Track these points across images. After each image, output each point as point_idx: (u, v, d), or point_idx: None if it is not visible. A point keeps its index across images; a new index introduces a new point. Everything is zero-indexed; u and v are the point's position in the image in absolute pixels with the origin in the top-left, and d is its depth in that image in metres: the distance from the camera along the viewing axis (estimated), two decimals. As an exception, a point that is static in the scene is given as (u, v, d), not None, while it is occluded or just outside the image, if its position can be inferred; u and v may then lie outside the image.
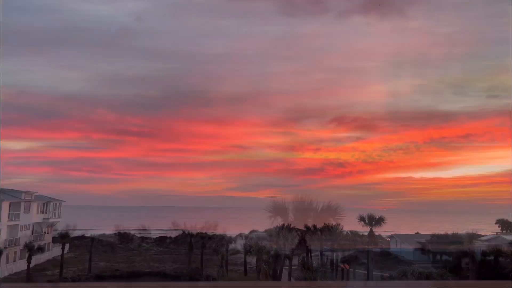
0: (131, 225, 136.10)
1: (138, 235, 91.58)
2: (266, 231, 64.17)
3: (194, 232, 58.25)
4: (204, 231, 59.45)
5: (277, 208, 52.26)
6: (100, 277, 44.43)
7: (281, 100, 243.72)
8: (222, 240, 60.43)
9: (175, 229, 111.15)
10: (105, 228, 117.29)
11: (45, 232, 56.36)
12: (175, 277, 47.00)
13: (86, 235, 73.36)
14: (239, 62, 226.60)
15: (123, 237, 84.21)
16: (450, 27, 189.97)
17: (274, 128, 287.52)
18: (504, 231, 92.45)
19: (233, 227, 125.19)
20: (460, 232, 59.76)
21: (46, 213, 57.30)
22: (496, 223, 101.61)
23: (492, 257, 50.51)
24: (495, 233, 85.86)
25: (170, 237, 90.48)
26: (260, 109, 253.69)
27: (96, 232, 67.56)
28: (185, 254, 61.92)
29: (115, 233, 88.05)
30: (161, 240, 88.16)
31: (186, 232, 58.23)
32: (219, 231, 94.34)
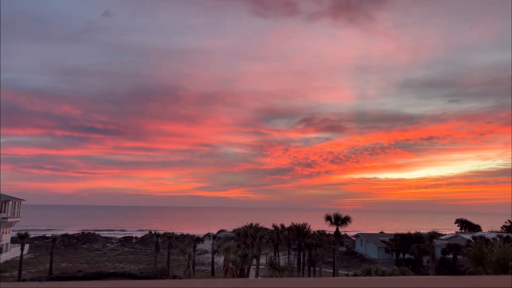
0: (95, 225, 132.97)
1: (103, 235, 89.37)
2: (234, 230, 64.15)
3: (161, 232, 57.46)
4: (171, 231, 58.73)
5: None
6: (61, 279, 42.96)
7: (251, 100, 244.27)
8: (190, 240, 59.94)
9: (141, 229, 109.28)
10: (67, 228, 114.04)
11: (3, 232, 53.90)
12: (141, 278, 46.13)
13: (48, 235, 70.90)
14: (209, 60, 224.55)
15: (87, 237, 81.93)
16: (416, 34, 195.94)
17: (244, 128, 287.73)
18: (463, 230, 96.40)
19: (201, 227, 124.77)
20: (422, 231, 61.93)
21: (4, 212, 54.81)
22: (455, 223, 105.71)
23: (451, 255, 52.69)
24: (454, 232, 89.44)
25: (136, 237, 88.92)
26: (230, 109, 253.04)
27: (58, 232, 65.24)
28: (152, 254, 60.99)
29: (78, 233, 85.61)
30: (127, 240, 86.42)
31: (153, 232, 57.28)
32: (187, 230, 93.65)
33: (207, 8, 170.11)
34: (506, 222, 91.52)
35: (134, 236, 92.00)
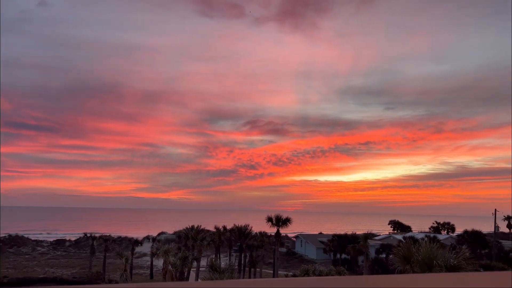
0: (24, 227, 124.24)
1: (32, 238, 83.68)
2: (175, 232, 62.92)
3: (97, 234, 54.96)
4: (108, 234, 56.39)
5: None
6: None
7: (196, 100, 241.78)
8: (128, 243, 57.91)
9: (76, 232, 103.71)
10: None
11: None
12: (73, 283, 43.78)
13: (-31, 239, 65.11)
14: (153, 58, 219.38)
15: (14, 240, 76.29)
16: (356, 43, 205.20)
17: (188, 128, 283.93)
18: (395, 231, 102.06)
19: (141, 229, 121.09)
20: (358, 232, 64.66)
21: None
22: (388, 224, 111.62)
23: (384, 255, 55.51)
24: (387, 233, 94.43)
25: (69, 240, 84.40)
26: (174, 108, 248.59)
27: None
28: (86, 258, 58.13)
29: (5, 236, 79.48)
30: (59, 243, 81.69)
31: (88, 235, 54.62)
32: (125, 233, 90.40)
33: (153, 4, 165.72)
34: (433, 223, 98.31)
35: (67, 239, 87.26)
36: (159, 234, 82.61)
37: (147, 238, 57.62)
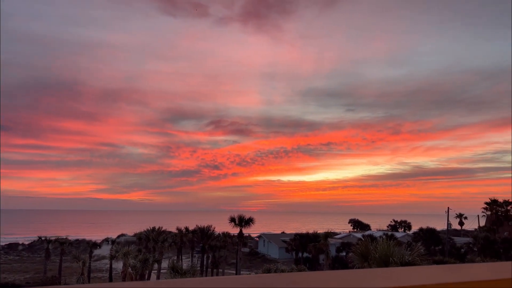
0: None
1: (-18, 243, 79.30)
2: (135, 234, 61.54)
3: (53, 237, 52.77)
4: (64, 237, 54.33)
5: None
6: None
7: (158, 100, 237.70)
8: (86, 246, 56.04)
9: (30, 235, 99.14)
10: None
11: None
12: (26, 289, 41.85)
13: None
14: (114, 55, 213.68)
15: (-39, 246, 72.02)
16: (318, 45, 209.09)
17: (149, 128, 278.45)
18: (355, 230, 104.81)
19: (99, 232, 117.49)
20: (319, 231, 65.85)
21: None
22: (349, 223, 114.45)
23: (344, 253, 56.85)
24: (348, 231, 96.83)
25: (23, 244, 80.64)
26: (135, 107, 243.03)
27: None
28: (41, 262, 55.71)
29: (-49, 241, 74.88)
30: (11, 247, 77.86)
31: (43, 238, 52.34)
32: (83, 235, 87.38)
33: (114, 1, 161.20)
34: (391, 222, 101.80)
35: (20, 242, 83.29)
36: (118, 236, 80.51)
37: (106, 240, 56.00)
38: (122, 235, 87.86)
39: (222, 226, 59.62)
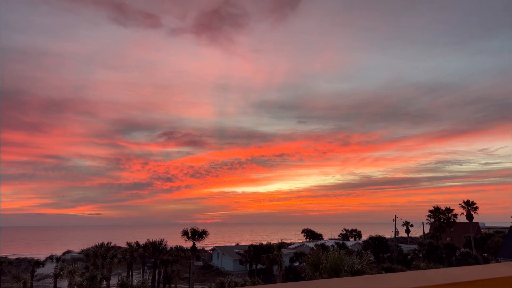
0: None
1: None
2: (82, 251, 58.79)
3: (-10, 257, 49.14)
4: (3, 256, 50.74)
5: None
6: None
7: (108, 110, 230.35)
8: (28, 265, 52.60)
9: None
10: None
11: None
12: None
13: None
14: (60, 64, 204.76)
15: None
16: (270, 59, 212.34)
17: (98, 139, 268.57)
18: (308, 239, 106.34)
19: (43, 249, 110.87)
20: (273, 241, 66.16)
21: None
22: (302, 232, 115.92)
23: (297, 263, 57.41)
24: (301, 241, 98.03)
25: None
26: (83, 118, 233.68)
27: None
28: (-24, 284, 51.58)
29: None
30: None
31: (-22, 258, 48.61)
32: (25, 254, 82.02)
33: (59, 8, 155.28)
34: (342, 231, 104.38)
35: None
36: (64, 253, 76.43)
37: (50, 258, 52.93)
38: (68, 252, 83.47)
39: (175, 240, 58.37)
